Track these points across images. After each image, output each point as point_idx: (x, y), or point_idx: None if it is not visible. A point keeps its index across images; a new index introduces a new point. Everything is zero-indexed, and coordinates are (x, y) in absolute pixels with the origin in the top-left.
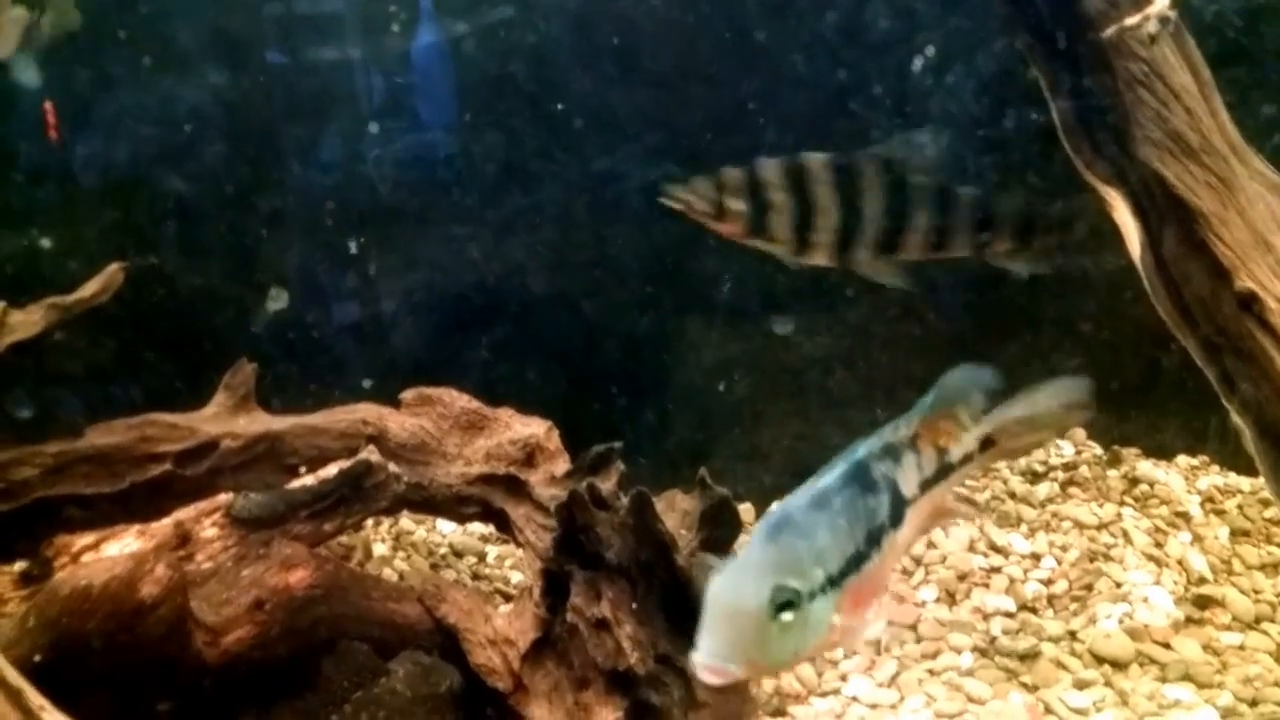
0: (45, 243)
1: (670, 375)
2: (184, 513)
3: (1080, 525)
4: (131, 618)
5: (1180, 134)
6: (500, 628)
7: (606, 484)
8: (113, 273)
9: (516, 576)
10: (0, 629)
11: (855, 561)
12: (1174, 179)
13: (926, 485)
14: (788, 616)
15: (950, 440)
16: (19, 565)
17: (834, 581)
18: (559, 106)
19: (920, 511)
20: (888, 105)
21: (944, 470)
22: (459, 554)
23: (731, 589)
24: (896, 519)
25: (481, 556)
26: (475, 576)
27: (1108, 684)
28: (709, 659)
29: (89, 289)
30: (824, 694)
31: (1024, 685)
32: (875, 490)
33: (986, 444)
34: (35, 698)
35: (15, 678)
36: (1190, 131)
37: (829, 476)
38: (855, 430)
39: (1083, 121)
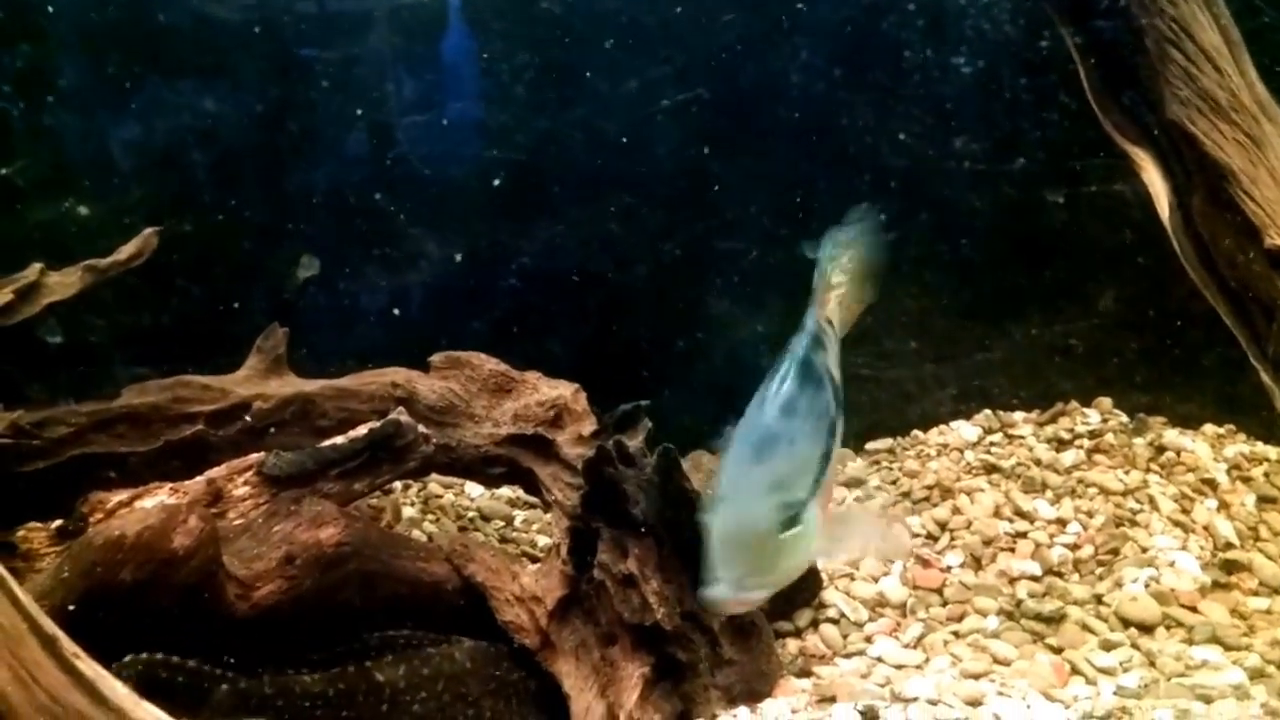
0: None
1: (695, 344)
2: (216, 471)
3: (1106, 491)
4: (164, 568)
5: (1209, 92)
6: (527, 585)
7: (633, 442)
8: (147, 237)
9: (543, 540)
10: (36, 579)
11: (826, 459)
12: (1203, 137)
13: (835, 352)
14: (794, 530)
15: (828, 309)
16: (55, 523)
17: (817, 483)
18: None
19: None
20: None
21: (831, 335)
22: (486, 518)
23: (734, 518)
24: (839, 403)
25: (509, 520)
26: (502, 540)
27: (1134, 646)
28: (728, 589)
29: (124, 252)
30: (849, 655)
31: (1050, 647)
32: (821, 383)
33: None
34: (69, 645)
35: (50, 626)
36: (1219, 90)
37: (785, 382)
38: (879, 401)
39: (1110, 82)
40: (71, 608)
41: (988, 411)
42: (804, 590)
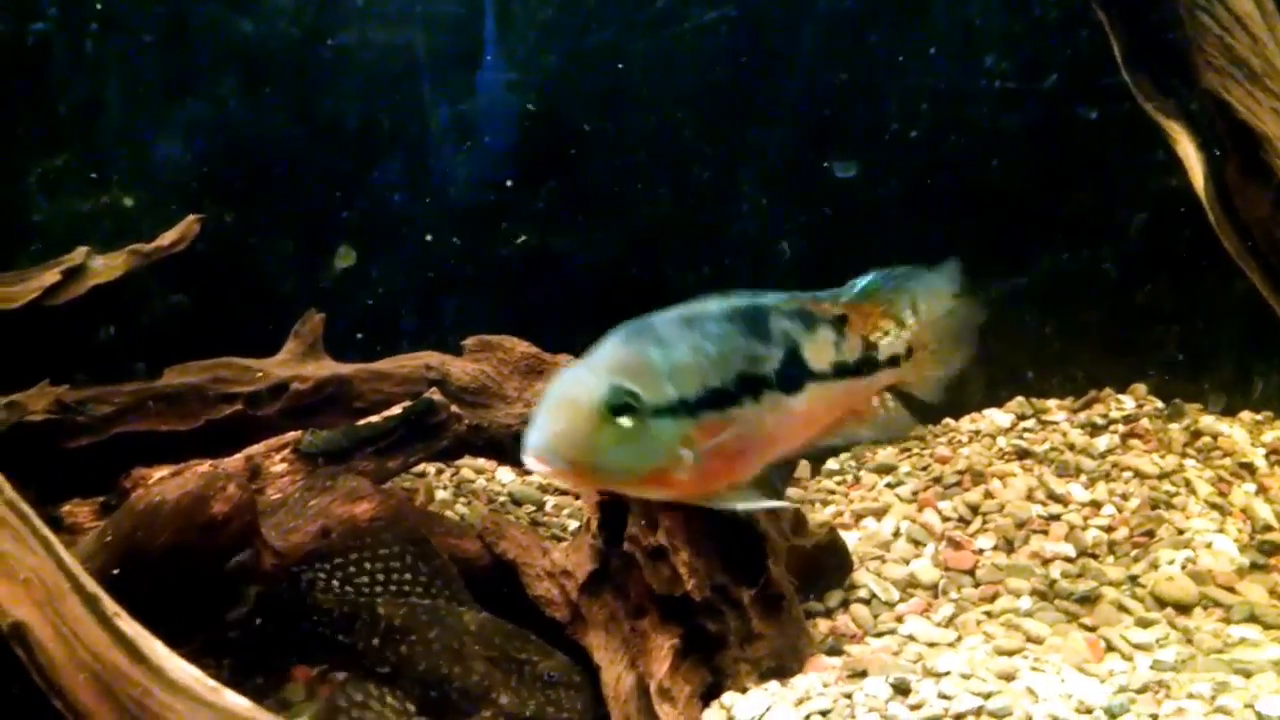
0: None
1: None
2: (254, 449)
3: (1141, 475)
4: (202, 533)
5: (1244, 60)
6: (557, 561)
7: None
8: (189, 223)
9: (573, 524)
10: (81, 542)
11: (718, 399)
12: (1237, 104)
13: (845, 371)
14: (625, 422)
15: (878, 334)
16: (99, 498)
17: (689, 408)
18: None
19: (832, 395)
20: None
21: (868, 364)
22: (518, 502)
23: (570, 383)
24: (791, 384)
25: (540, 505)
26: (533, 523)
27: (1170, 624)
28: (536, 448)
29: (167, 238)
30: (880, 634)
31: (1084, 626)
32: (766, 340)
33: (909, 353)
34: (110, 605)
35: (93, 586)
36: (1254, 57)
37: (712, 304)
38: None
39: (1144, 53)
40: (114, 570)
41: (1020, 398)
42: (834, 571)
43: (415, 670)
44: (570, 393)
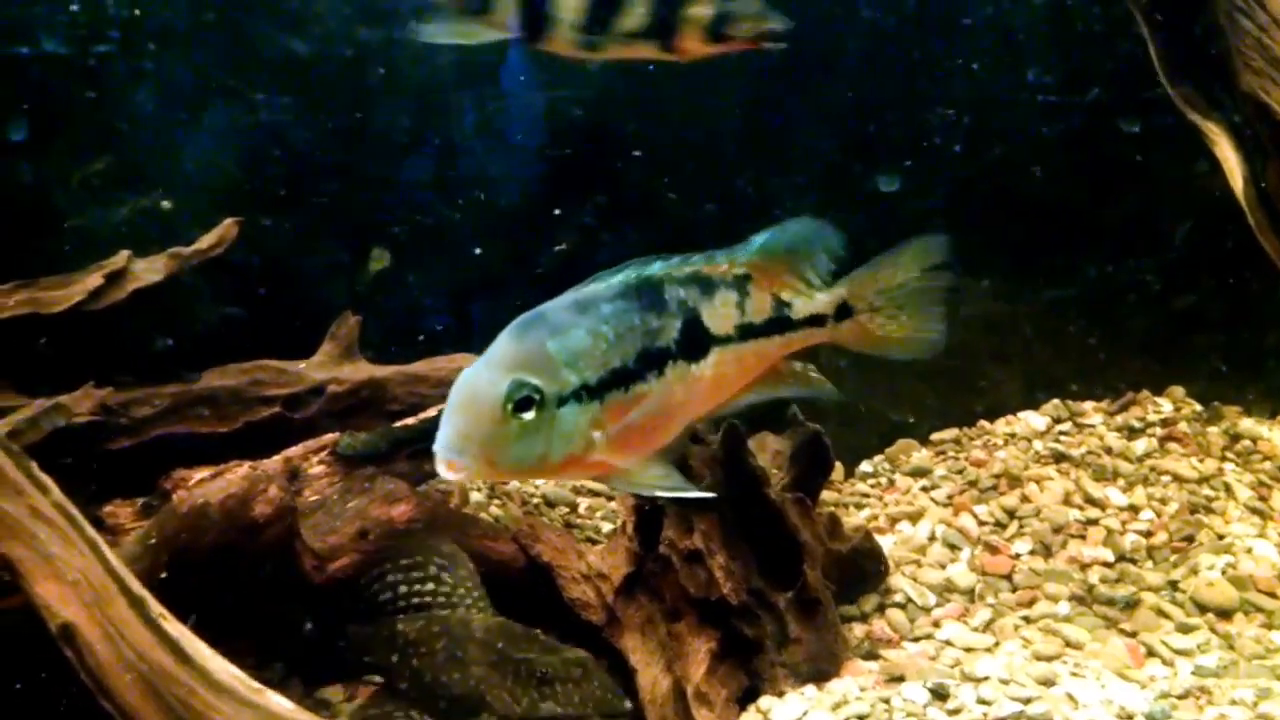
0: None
1: None
2: (292, 450)
3: (1180, 479)
4: (244, 535)
5: None
6: (593, 563)
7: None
8: (227, 227)
9: (607, 527)
10: (125, 544)
11: (621, 377)
12: (1277, 106)
13: (752, 332)
14: (528, 415)
15: (790, 292)
16: (140, 500)
17: (591, 391)
18: None
19: (741, 358)
20: None
21: (780, 324)
22: (551, 504)
23: (471, 382)
24: (694, 352)
25: (573, 507)
26: (567, 526)
27: (1211, 630)
28: (444, 451)
29: (206, 241)
30: (916, 639)
31: (1123, 631)
32: (662, 311)
33: (843, 312)
34: (156, 607)
35: (138, 588)
36: None
37: (603, 283)
38: (938, 394)
39: (1182, 57)
40: (158, 572)
41: (1056, 401)
42: (870, 576)
43: (422, 682)
44: (472, 392)
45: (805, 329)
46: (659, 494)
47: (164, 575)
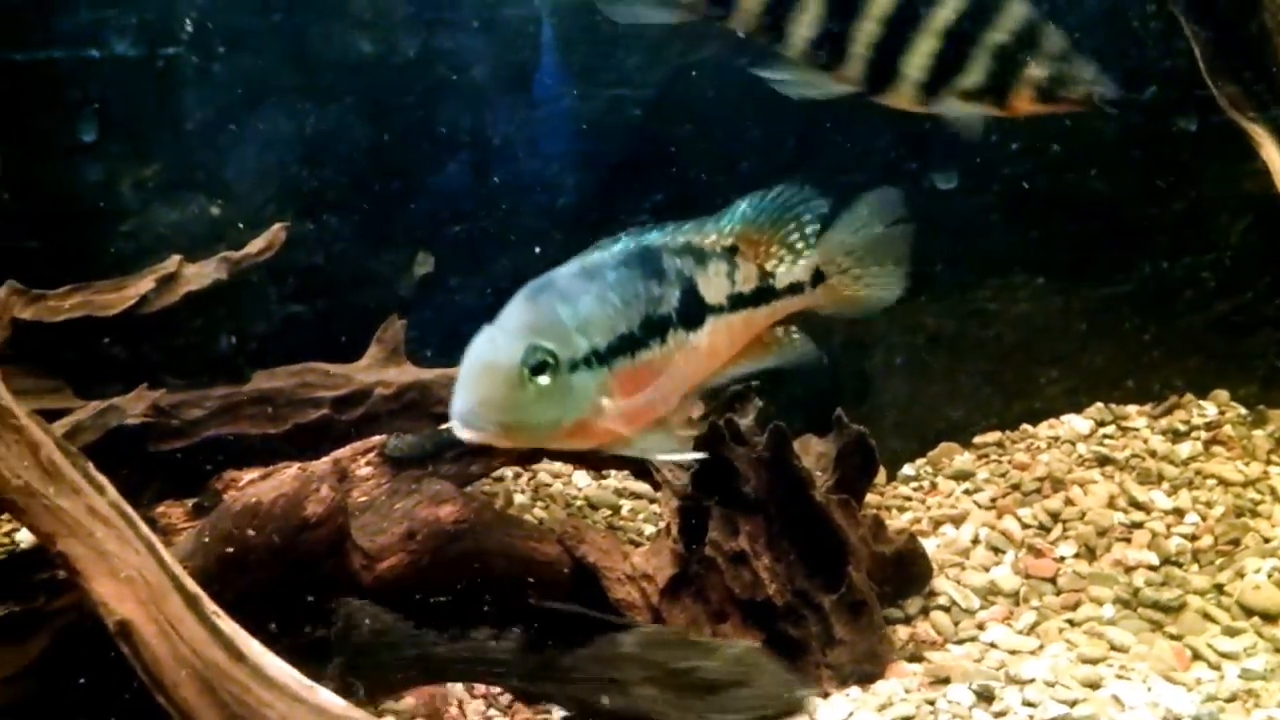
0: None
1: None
2: (341, 452)
3: (1225, 482)
4: (296, 533)
5: None
6: (638, 564)
7: (744, 421)
8: (275, 232)
9: (649, 529)
10: (179, 543)
11: (628, 344)
12: None
13: (741, 302)
14: (544, 380)
15: (773, 261)
16: (191, 500)
17: (601, 358)
18: None
19: (731, 328)
20: None
21: (766, 293)
22: (594, 506)
23: (487, 348)
24: (691, 321)
25: (615, 509)
26: (610, 528)
27: (1258, 633)
28: (463, 416)
29: (255, 246)
30: (961, 641)
31: (1169, 635)
32: (662, 280)
33: (817, 278)
34: (210, 604)
35: (193, 586)
36: None
37: (606, 252)
38: (980, 397)
39: (1227, 59)
40: (211, 570)
41: (1100, 404)
42: (914, 578)
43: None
44: (488, 358)
45: (788, 297)
46: (656, 458)
47: (211, 571)
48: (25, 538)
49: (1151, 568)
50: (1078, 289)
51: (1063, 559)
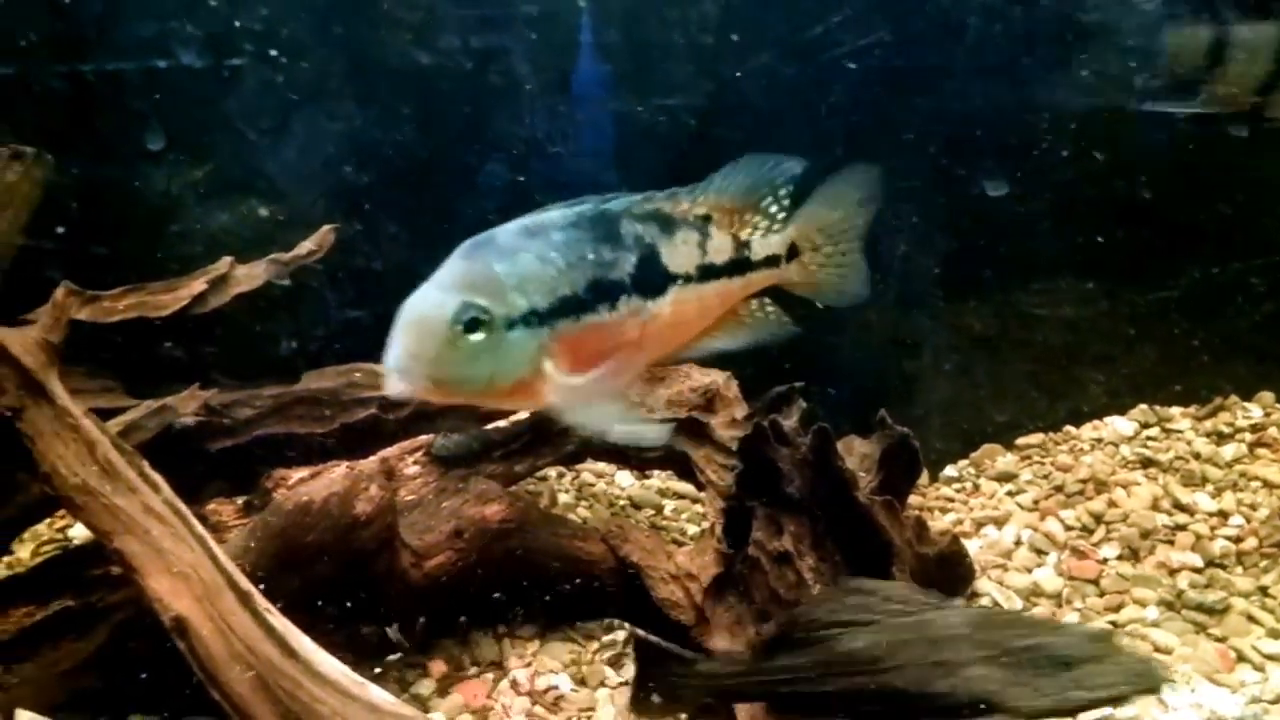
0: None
1: (839, 346)
2: (388, 451)
3: (1269, 485)
4: (347, 531)
5: None
6: (682, 564)
7: (788, 422)
8: (324, 233)
9: (692, 529)
10: (231, 540)
11: (572, 306)
12: None
13: (713, 272)
14: (476, 336)
15: (749, 231)
16: (240, 498)
17: (541, 317)
18: None
19: (702, 298)
20: None
21: (741, 264)
22: (637, 506)
23: (419, 302)
24: (650, 289)
25: (659, 509)
26: (652, 527)
27: None
28: (395, 367)
29: (304, 247)
30: None
31: (1213, 637)
32: (618, 245)
33: (792, 252)
34: (262, 601)
35: (245, 582)
36: None
37: (558, 212)
38: (1023, 399)
39: None
40: (263, 567)
41: (1143, 406)
42: (957, 580)
43: (899, 697)
44: (420, 312)
45: (764, 269)
46: (612, 433)
47: (268, 571)
48: (78, 534)
49: (1195, 570)
50: (1122, 292)
51: (1105, 561)
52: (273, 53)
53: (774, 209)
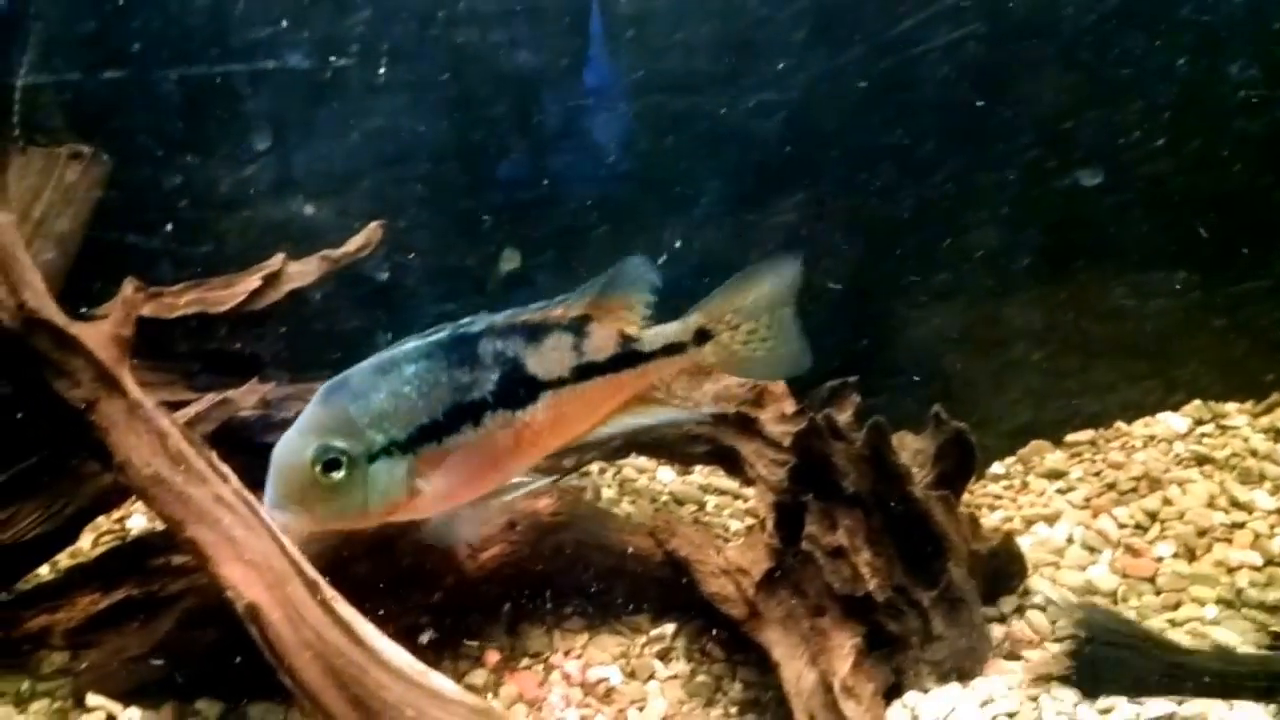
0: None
1: (889, 343)
2: None
3: None
4: (408, 524)
5: None
6: (732, 558)
7: (842, 416)
8: (373, 230)
9: (735, 525)
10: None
11: (432, 431)
12: None
13: (594, 370)
14: (337, 475)
15: (636, 327)
16: None
17: (402, 447)
18: None
19: (584, 395)
20: None
21: (629, 358)
22: (680, 502)
23: (284, 447)
24: (518, 400)
25: (701, 505)
26: (695, 523)
27: None
28: (270, 507)
29: (354, 244)
30: (1058, 639)
31: (1275, 635)
32: (475, 365)
33: (702, 336)
34: (328, 590)
35: (312, 571)
36: None
37: (410, 345)
38: (1071, 395)
39: None
40: (328, 558)
41: (1197, 402)
42: (1009, 577)
43: None
44: (285, 457)
45: (661, 358)
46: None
47: (331, 560)
48: (136, 525)
49: (1255, 568)
50: (1173, 286)
51: (1161, 559)
52: (334, 57)
53: (643, 307)
